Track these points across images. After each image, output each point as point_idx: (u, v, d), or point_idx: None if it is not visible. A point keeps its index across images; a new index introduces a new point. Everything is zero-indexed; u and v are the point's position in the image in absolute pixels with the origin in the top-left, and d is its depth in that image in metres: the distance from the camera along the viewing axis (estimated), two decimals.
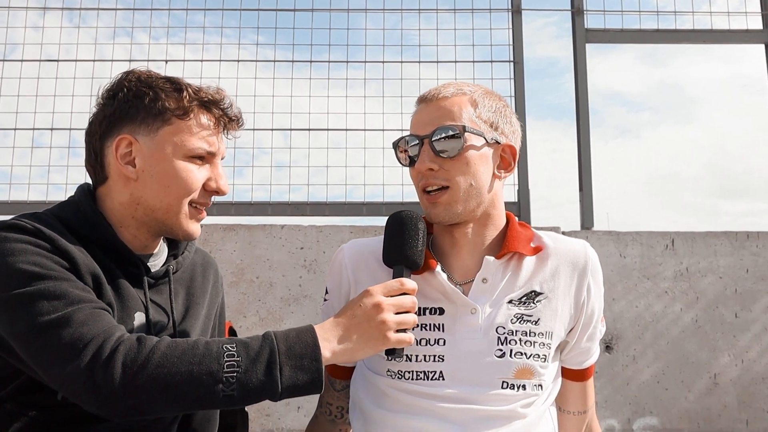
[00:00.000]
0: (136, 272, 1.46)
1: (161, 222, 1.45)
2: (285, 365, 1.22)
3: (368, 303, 1.32)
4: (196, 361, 1.18)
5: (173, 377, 1.17)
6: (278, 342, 1.24)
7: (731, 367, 3.41)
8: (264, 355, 1.22)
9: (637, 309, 3.45)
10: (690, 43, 3.95)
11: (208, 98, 1.45)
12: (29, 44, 3.79)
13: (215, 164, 1.48)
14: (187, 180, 1.43)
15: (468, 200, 1.45)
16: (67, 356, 1.17)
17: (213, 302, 1.67)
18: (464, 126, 1.44)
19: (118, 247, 1.42)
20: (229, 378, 1.19)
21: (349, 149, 3.69)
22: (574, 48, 3.82)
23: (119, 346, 1.18)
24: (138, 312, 1.43)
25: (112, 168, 1.44)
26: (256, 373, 1.20)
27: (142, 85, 1.42)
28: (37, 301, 1.22)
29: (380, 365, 1.48)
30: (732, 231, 3.55)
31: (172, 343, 1.21)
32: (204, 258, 1.69)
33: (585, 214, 3.67)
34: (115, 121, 1.43)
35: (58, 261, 1.29)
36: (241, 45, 3.83)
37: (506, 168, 1.51)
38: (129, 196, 1.44)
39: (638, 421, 3.36)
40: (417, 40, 3.85)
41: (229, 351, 1.21)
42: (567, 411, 1.62)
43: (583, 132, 3.74)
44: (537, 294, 1.48)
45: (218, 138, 1.47)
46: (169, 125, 1.42)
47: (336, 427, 1.66)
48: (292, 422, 3.30)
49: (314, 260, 3.43)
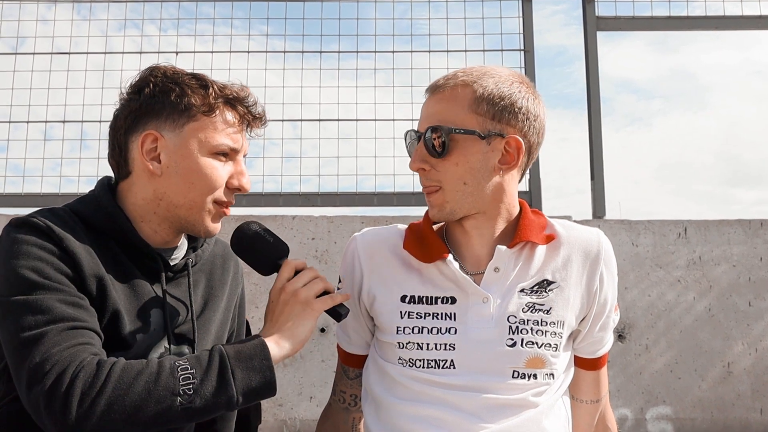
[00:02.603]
0: (154, 266, 1.47)
1: (183, 218, 1.46)
2: (236, 368, 1.27)
3: (275, 296, 1.41)
4: (152, 380, 1.21)
5: (131, 397, 1.19)
6: (226, 349, 1.30)
7: (745, 356, 3.39)
8: (215, 362, 1.27)
9: (650, 298, 3.43)
10: (702, 30, 3.92)
11: (234, 95, 1.46)
12: (40, 37, 3.81)
13: (238, 161, 1.48)
14: (212, 177, 1.43)
15: (462, 200, 1.44)
16: (32, 378, 1.20)
17: (232, 294, 1.67)
18: (452, 128, 1.40)
19: (135, 241, 1.43)
20: (186, 390, 1.22)
21: (359, 139, 3.69)
22: (585, 36, 3.80)
23: (79, 372, 1.19)
24: (154, 309, 1.44)
25: (137, 163, 1.45)
26: (211, 381, 1.24)
27: (168, 81, 1.43)
28: (24, 314, 1.24)
29: (391, 353, 1.48)
30: (745, 219, 3.53)
31: (126, 365, 1.23)
32: (224, 249, 1.69)
33: (597, 203, 3.65)
34: (141, 116, 1.43)
35: (60, 267, 1.30)
36: (251, 36, 3.84)
37: (509, 163, 1.44)
38: (152, 191, 1.44)
39: (651, 410, 3.36)
40: (427, 29, 3.84)
41: (182, 365, 1.25)
42: (580, 400, 1.62)
43: (594, 120, 3.72)
44: (549, 283, 1.47)
45: (242, 135, 1.49)
46: (194, 121, 1.42)
47: (350, 415, 1.66)
48: (305, 412, 3.31)
49: (325, 250, 3.44)
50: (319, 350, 3.36)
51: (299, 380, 3.34)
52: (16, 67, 3.76)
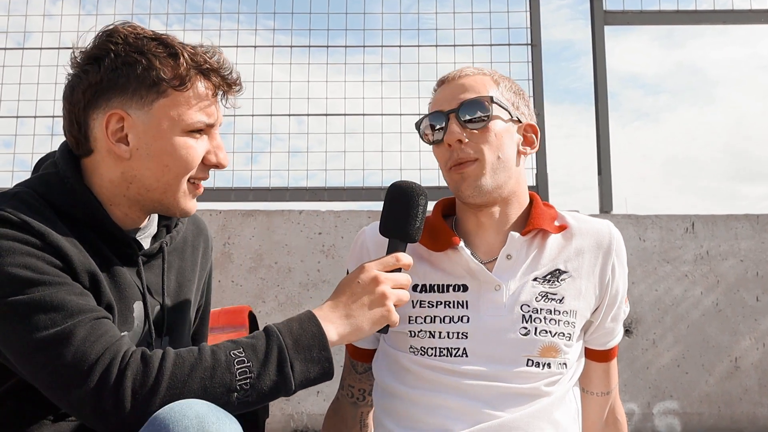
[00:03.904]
0: (129, 252, 1.36)
1: (157, 201, 1.34)
2: (295, 360, 1.18)
3: (366, 278, 1.30)
4: (207, 375, 1.13)
5: (187, 395, 1.11)
6: (284, 337, 1.19)
7: (752, 351, 3.39)
8: (273, 354, 1.17)
9: (657, 293, 3.43)
10: (710, 24, 3.91)
11: (207, 65, 1.31)
12: (47, 32, 3.82)
13: (213, 135, 1.35)
14: (188, 157, 1.30)
15: (496, 173, 1.44)
16: (71, 379, 1.10)
17: (203, 272, 1.58)
18: (491, 97, 1.45)
19: (110, 228, 1.32)
20: (243, 385, 1.14)
21: (366, 134, 3.69)
22: (593, 31, 3.78)
23: (126, 368, 1.11)
24: (137, 302, 1.35)
25: (100, 143, 1.30)
26: (269, 375, 1.16)
27: (132, 50, 1.27)
28: (33, 313, 1.13)
29: (402, 342, 1.48)
30: (753, 214, 3.51)
31: (178, 360, 1.13)
32: (196, 223, 1.57)
33: (604, 198, 3.65)
34: (102, 91, 1.28)
35: (50, 261, 1.19)
36: (257, 31, 3.84)
37: (530, 145, 1.53)
38: (120, 174, 1.31)
39: (658, 405, 3.35)
40: (434, 23, 3.84)
41: (239, 357, 1.15)
42: (590, 392, 1.62)
43: (602, 115, 3.71)
44: (561, 272, 1.47)
45: (216, 107, 1.35)
46: (164, 97, 1.28)
47: (358, 409, 1.67)
48: (312, 407, 3.32)
49: (332, 245, 3.44)
50: None
51: None
52: (23, 62, 3.77)
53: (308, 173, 3.70)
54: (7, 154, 3.70)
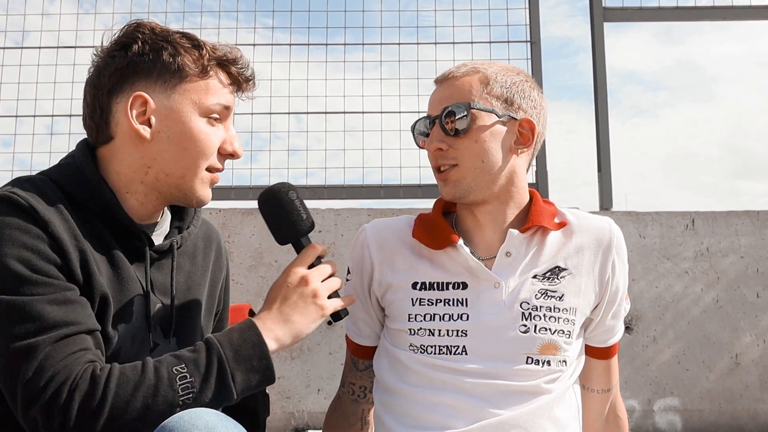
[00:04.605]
0: (138, 245, 1.38)
1: (175, 187, 1.38)
2: (236, 371, 1.22)
3: (294, 280, 1.34)
4: (150, 393, 1.16)
5: (130, 414, 1.14)
6: (224, 349, 1.23)
7: (753, 347, 3.39)
8: (213, 367, 1.21)
9: (657, 289, 3.43)
10: (710, 20, 3.89)
11: (226, 57, 1.39)
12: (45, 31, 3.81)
13: (228, 126, 1.41)
14: (206, 141, 1.36)
15: (478, 176, 1.44)
16: (28, 395, 1.14)
17: (216, 279, 1.60)
18: (469, 104, 1.44)
19: (121, 219, 1.34)
20: (186, 400, 1.17)
21: (365, 132, 3.68)
22: (592, 27, 3.77)
23: (75, 389, 1.14)
24: (137, 296, 1.37)
25: (122, 127, 1.35)
26: (211, 387, 1.20)
27: (159, 39, 1.35)
28: (13, 320, 1.16)
29: (402, 340, 1.48)
30: (753, 210, 3.51)
31: (122, 379, 1.16)
32: (207, 231, 1.60)
33: (604, 195, 3.64)
34: (128, 75, 1.34)
35: (47, 255, 1.21)
36: (256, 29, 3.83)
37: (525, 143, 1.49)
38: (140, 158, 1.35)
39: (659, 401, 3.35)
40: (433, 21, 3.83)
41: (181, 373, 1.19)
42: (591, 389, 1.62)
43: (601, 112, 3.70)
44: (561, 270, 1.47)
45: (233, 97, 1.43)
46: (187, 83, 1.35)
47: (358, 406, 1.66)
48: (313, 404, 3.32)
49: (332, 243, 3.43)
50: (327, 342, 3.36)
51: (307, 373, 3.34)
52: (21, 61, 3.76)
53: (308, 171, 3.70)
54: (6, 153, 3.70)
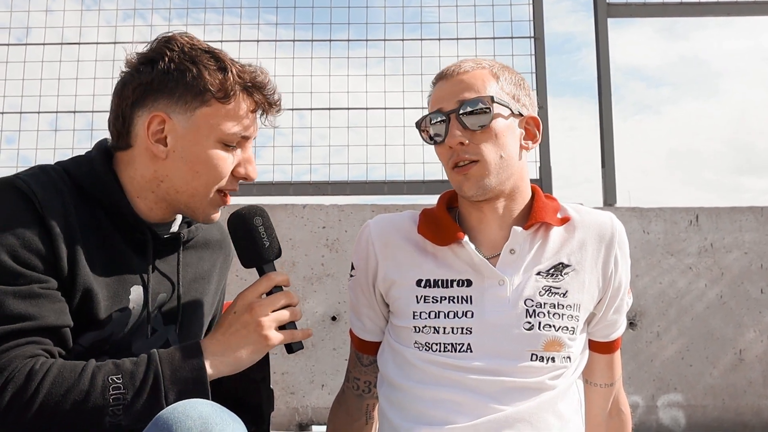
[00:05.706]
0: (141, 238, 1.40)
1: (183, 204, 1.40)
2: (170, 391, 1.22)
3: (240, 308, 1.33)
4: (81, 399, 1.18)
5: (59, 416, 1.17)
6: (163, 367, 1.24)
7: (757, 343, 3.38)
8: (148, 383, 1.22)
9: (661, 285, 3.42)
10: (714, 16, 3.88)
11: (252, 83, 1.38)
12: (49, 28, 3.81)
13: (246, 148, 1.42)
14: (218, 167, 1.37)
15: (499, 172, 1.44)
16: None
17: (220, 281, 1.63)
18: (492, 97, 1.43)
19: (126, 214, 1.37)
20: (115, 410, 1.19)
21: (369, 128, 3.68)
22: (596, 23, 3.76)
23: (10, 381, 1.16)
24: (135, 285, 1.38)
25: (140, 141, 1.37)
26: (141, 401, 1.20)
27: (186, 59, 1.35)
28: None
29: (407, 337, 1.48)
30: (757, 206, 3.50)
31: (58, 379, 1.19)
32: (221, 235, 1.62)
33: (608, 191, 3.64)
34: (151, 91, 1.35)
35: (32, 244, 1.24)
36: (260, 25, 3.83)
37: (532, 139, 1.51)
38: (153, 172, 1.38)
39: (662, 397, 3.35)
40: (436, 17, 3.82)
41: (115, 384, 1.20)
42: (594, 383, 1.62)
43: (605, 108, 3.69)
44: (565, 266, 1.47)
45: (254, 124, 1.42)
46: (207, 106, 1.35)
47: (363, 402, 1.67)
48: (317, 400, 3.33)
49: (336, 239, 3.44)
50: (331, 338, 3.36)
51: (311, 368, 3.35)
52: (25, 57, 3.77)
53: (311, 167, 3.69)
54: (10, 149, 3.71)
